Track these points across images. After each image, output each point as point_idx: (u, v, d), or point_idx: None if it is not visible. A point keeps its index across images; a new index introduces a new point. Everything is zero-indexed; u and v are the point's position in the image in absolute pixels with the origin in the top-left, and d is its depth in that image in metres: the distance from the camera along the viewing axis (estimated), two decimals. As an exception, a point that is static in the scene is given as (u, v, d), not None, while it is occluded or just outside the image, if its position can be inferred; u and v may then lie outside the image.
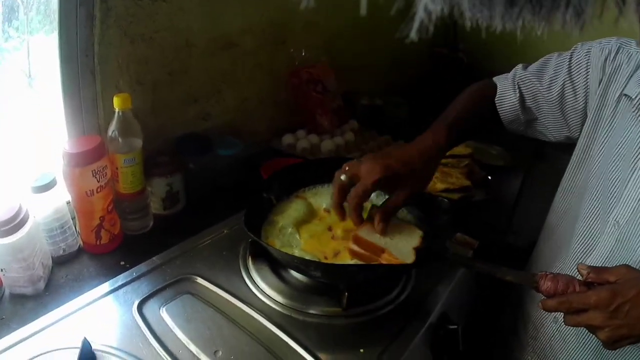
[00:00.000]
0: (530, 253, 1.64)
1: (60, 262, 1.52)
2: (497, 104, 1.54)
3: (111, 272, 1.47)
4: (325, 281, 1.37)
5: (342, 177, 1.31)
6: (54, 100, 1.57)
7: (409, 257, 1.26)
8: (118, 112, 1.48)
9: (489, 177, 1.99)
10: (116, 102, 1.47)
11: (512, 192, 2.07)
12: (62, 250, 1.52)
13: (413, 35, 0.46)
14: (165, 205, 1.74)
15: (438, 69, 2.75)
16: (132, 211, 1.63)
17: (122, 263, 1.53)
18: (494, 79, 1.58)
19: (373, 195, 1.41)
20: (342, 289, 1.33)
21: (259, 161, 1.95)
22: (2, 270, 1.35)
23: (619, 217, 1.26)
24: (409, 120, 2.43)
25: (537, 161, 1.88)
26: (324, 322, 1.32)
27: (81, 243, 1.58)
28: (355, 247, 1.30)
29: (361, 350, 1.26)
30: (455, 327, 1.40)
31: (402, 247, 1.29)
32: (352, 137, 2.21)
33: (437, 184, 1.85)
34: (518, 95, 1.50)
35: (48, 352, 1.16)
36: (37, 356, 1.14)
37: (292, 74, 2.17)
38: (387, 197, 1.37)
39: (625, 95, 1.28)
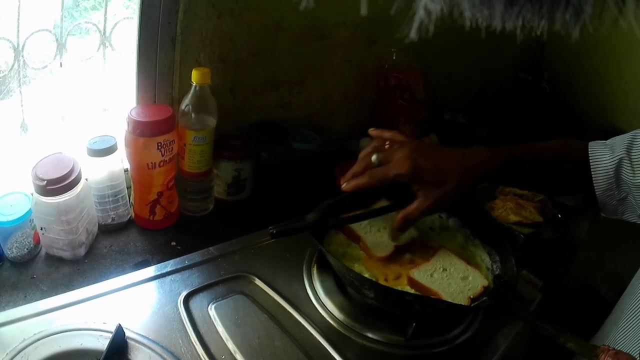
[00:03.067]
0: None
1: (107, 230, 1.37)
2: (591, 162, 1.19)
3: (159, 250, 1.32)
4: (378, 305, 1.16)
5: (374, 158, 1.17)
6: (128, 63, 1.40)
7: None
8: (195, 86, 1.31)
9: (559, 216, 1.77)
10: (195, 75, 1.29)
11: (580, 234, 1.88)
12: (111, 219, 1.36)
13: (413, 35, 0.44)
14: (230, 192, 1.54)
15: (520, 94, 2.54)
16: (194, 192, 1.45)
17: (173, 243, 1.36)
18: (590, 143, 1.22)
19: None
20: (410, 318, 1.13)
21: (334, 160, 1.72)
22: (42, 229, 1.20)
23: None
24: (487, 141, 2.21)
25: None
26: (383, 350, 1.12)
27: (133, 215, 1.41)
28: (415, 278, 1.16)
29: None
30: None
31: (456, 296, 1.14)
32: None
33: (510, 216, 1.65)
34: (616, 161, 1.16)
35: (77, 329, 1.00)
36: (65, 332, 0.99)
37: (380, 75, 1.94)
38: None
39: None
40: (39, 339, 0.96)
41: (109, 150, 1.27)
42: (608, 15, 0.45)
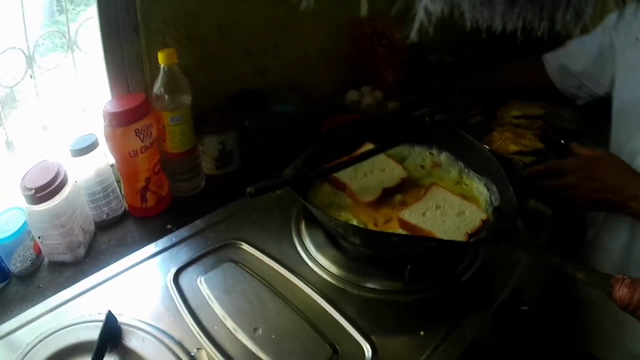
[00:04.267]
0: None
1: (104, 226, 1.33)
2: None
3: (156, 236, 1.26)
4: (369, 252, 1.11)
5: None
6: (96, 60, 1.36)
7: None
8: (163, 67, 1.27)
9: (562, 141, 1.68)
10: (161, 57, 1.26)
11: None
12: (106, 214, 1.32)
13: (413, 35, 0.45)
14: (219, 165, 1.49)
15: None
16: (182, 172, 1.41)
17: (169, 226, 1.31)
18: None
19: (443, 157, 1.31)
20: (404, 262, 1.07)
21: (320, 119, 1.67)
22: (39, 238, 1.17)
23: None
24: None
25: (609, 125, 1.58)
26: (382, 298, 1.07)
27: (126, 207, 1.38)
28: (405, 218, 1.09)
29: (421, 333, 1.00)
30: (527, 308, 1.13)
31: (452, 233, 1.07)
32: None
33: (509, 146, 1.56)
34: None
35: (74, 324, 0.98)
36: (62, 329, 0.97)
37: (354, 26, 1.87)
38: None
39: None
40: (40, 341, 0.94)
41: (90, 148, 1.23)
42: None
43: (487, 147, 1.41)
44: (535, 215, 1.33)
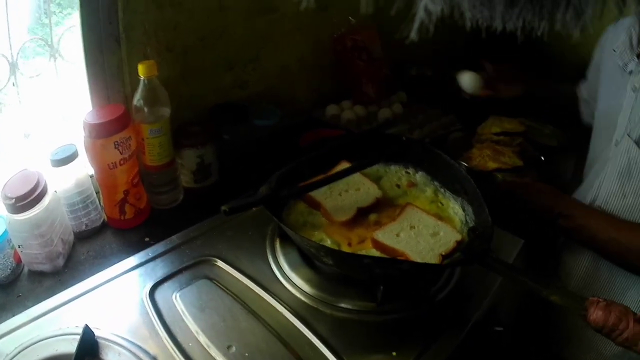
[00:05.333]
0: None
1: (83, 237, 1.35)
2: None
3: (134, 248, 1.28)
4: (342, 273, 1.13)
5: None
6: (78, 69, 1.38)
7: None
8: (143, 80, 1.29)
9: (542, 158, 1.71)
10: (141, 69, 1.28)
11: (566, 174, 1.83)
12: (85, 225, 1.34)
13: (413, 35, 0.45)
14: (197, 179, 1.51)
15: (490, 42, 2.45)
16: (160, 184, 1.43)
17: (147, 239, 1.33)
18: None
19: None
20: (377, 282, 1.09)
21: (300, 132, 1.69)
22: (19, 247, 1.19)
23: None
24: (458, 92, 2.15)
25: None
26: (355, 318, 1.08)
27: (105, 218, 1.39)
28: (379, 239, 1.11)
29: (394, 354, 1.01)
30: (501, 329, 1.14)
31: (426, 254, 1.08)
32: (400, 109, 1.92)
33: (488, 163, 1.60)
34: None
35: (52, 337, 1.00)
36: (41, 341, 0.98)
37: (335, 40, 1.90)
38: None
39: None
40: (18, 352, 0.96)
41: (70, 158, 1.25)
42: (608, 15, 0.45)
43: (465, 164, 1.44)
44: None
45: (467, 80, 1.65)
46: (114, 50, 1.36)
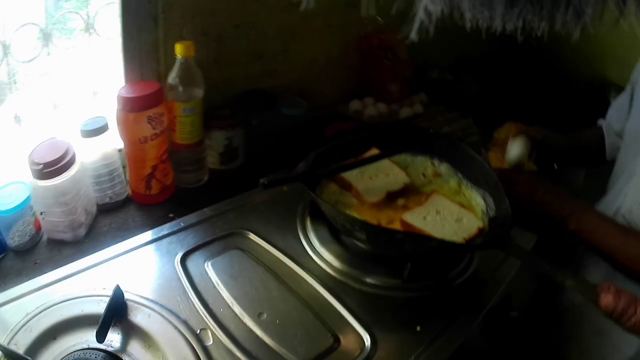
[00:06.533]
0: None
1: (106, 210, 1.35)
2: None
3: (157, 223, 1.27)
4: (372, 249, 1.15)
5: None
6: (114, 46, 1.39)
7: None
8: (180, 59, 1.29)
9: (555, 166, 1.72)
10: (178, 49, 1.28)
11: (576, 183, 1.88)
12: (109, 197, 1.34)
13: (413, 35, 0.45)
14: (223, 160, 1.52)
15: (507, 52, 2.49)
16: (188, 163, 1.43)
17: (171, 215, 1.33)
18: None
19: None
20: (405, 260, 1.11)
21: (324, 124, 1.71)
22: (41, 214, 1.18)
23: None
24: (477, 98, 2.19)
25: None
26: (381, 294, 1.10)
27: (130, 192, 1.39)
28: (407, 220, 1.13)
29: (417, 328, 1.03)
30: (516, 314, 1.19)
31: (450, 237, 1.12)
32: (420, 109, 1.94)
33: (504, 165, 1.58)
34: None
35: (78, 297, 0.99)
36: (66, 301, 0.98)
37: (362, 39, 1.92)
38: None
39: None
40: (41, 311, 0.95)
41: (101, 130, 1.25)
42: (609, 15, 0.45)
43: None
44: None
45: (518, 148, 1.49)
46: (150, 30, 1.36)
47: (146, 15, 1.33)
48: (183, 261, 1.10)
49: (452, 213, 1.18)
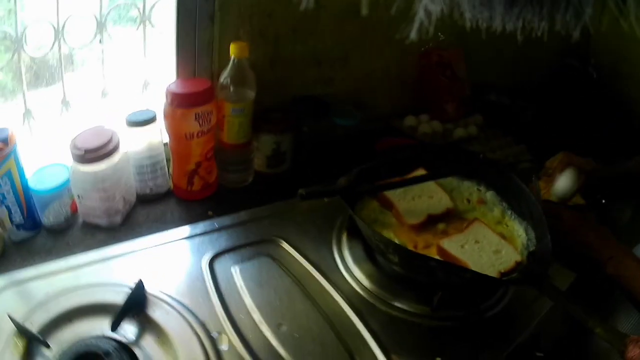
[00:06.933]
0: None
1: (146, 200, 1.36)
2: None
3: (195, 220, 1.28)
4: (404, 272, 1.12)
5: None
6: (168, 40, 1.39)
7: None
8: (233, 59, 1.29)
9: (603, 201, 1.65)
10: (233, 49, 1.28)
11: (622, 221, 1.73)
12: (149, 189, 1.35)
13: (413, 35, 0.46)
14: (270, 164, 1.51)
15: (566, 80, 2.43)
16: (233, 163, 1.43)
17: (210, 213, 1.33)
18: None
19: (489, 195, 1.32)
20: (436, 288, 1.08)
21: (376, 138, 1.68)
22: (79, 197, 1.20)
23: None
24: (533, 125, 2.14)
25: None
26: (407, 319, 1.07)
27: (171, 186, 1.40)
28: (444, 247, 1.11)
29: (438, 359, 0.99)
30: (542, 355, 1.16)
31: (486, 269, 1.09)
32: (475, 131, 1.88)
33: (551, 198, 1.53)
34: None
35: (101, 284, 1.02)
36: (88, 287, 1.01)
37: (421, 54, 1.88)
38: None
39: None
40: (62, 293, 0.97)
41: (148, 122, 1.26)
42: (608, 15, 0.44)
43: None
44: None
45: (566, 181, 1.48)
46: (206, 28, 1.36)
47: (202, 13, 1.34)
48: (211, 263, 1.09)
49: (491, 243, 1.14)
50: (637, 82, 2.20)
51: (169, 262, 1.10)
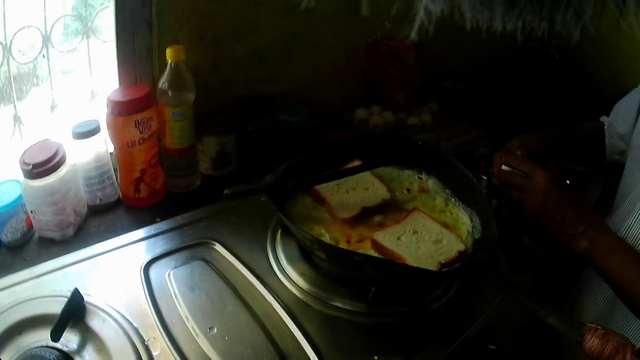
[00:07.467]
0: None
1: (96, 211, 1.38)
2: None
3: (144, 226, 1.28)
4: (335, 269, 1.12)
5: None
6: (110, 49, 1.41)
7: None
8: (170, 63, 1.31)
9: (568, 182, 1.66)
10: (169, 53, 1.30)
11: (590, 201, 1.80)
12: (99, 199, 1.37)
13: (413, 35, 0.44)
14: (216, 166, 1.53)
15: (527, 62, 2.42)
16: (178, 168, 1.45)
17: (158, 219, 1.33)
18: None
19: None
20: (370, 284, 1.07)
21: (327, 132, 1.68)
22: (32, 212, 1.23)
23: None
24: (490, 109, 2.13)
25: (619, 171, 1.56)
26: (343, 317, 1.07)
27: (121, 195, 1.42)
28: (378, 240, 1.09)
29: (375, 358, 0.99)
30: (495, 347, 1.09)
31: (424, 260, 1.06)
32: (429, 119, 1.90)
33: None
34: None
35: (44, 297, 1.03)
36: (33, 299, 1.02)
37: (369, 45, 1.90)
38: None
39: None
40: (11, 307, 0.99)
41: (92, 132, 1.28)
42: (608, 16, 0.44)
43: (485, 178, 1.41)
44: (529, 254, 1.32)
45: None
46: (145, 34, 1.38)
47: (140, 19, 1.35)
48: (146, 269, 1.11)
49: (431, 233, 1.13)
50: (600, 60, 2.21)
51: (109, 270, 1.12)
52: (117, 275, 1.10)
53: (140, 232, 1.22)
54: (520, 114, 1.94)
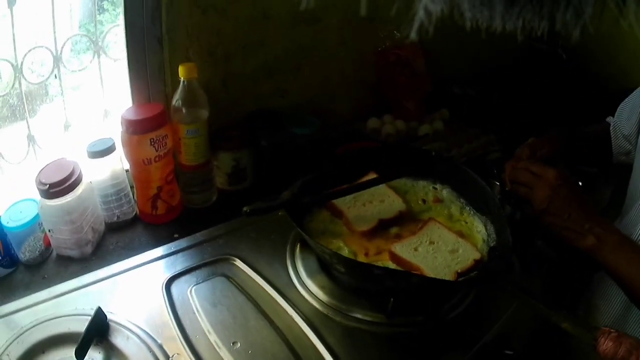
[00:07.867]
0: None
1: (114, 228, 1.40)
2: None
3: (163, 243, 1.31)
4: (354, 281, 1.14)
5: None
6: (122, 67, 1.44)
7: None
8: (183, 81, 1.33)
9: (580, 183, 1.66)
10: (181, 71, 1.31)
11: (601, 203, 1.77)
12: (117, 217, 1.39)
13: (413, 35, 0.44)
14: (231, 181, 1.55)
15: (535, 63, 2.42)
16: (194, 184, 1.47)
17: (176, 235, 1.35)
18: None
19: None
20: (388, 295, 1.08)
21: (340, 143, 1.69)
22: (50, 231, 1.25)
23: None
24: (500, 113, 2.13)
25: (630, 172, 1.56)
26: (364, 328, 1.08)
27: (138, 212, 1.44)
28: (396, 251, 1.11)
29: None
30: (511, 353, 1.10)
31: (441, 270, 1.08)
32: (441, 126, 1.90)
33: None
34: None
35: (67, 315, 1.06)
36: (55, 318, 1.04)
37: (378, 54, 1.90)
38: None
39: None
40: (34, 326, 1.01)
41: (107, 151, 1.30)
42: (608, 15, 0.45)
43: (497, 183, 1.42)
44: (541, 258, 1.33)
45: None
46: (155, 51, 1.40)
47: (150, 37, 1.38)
48: (168, 286, 1.13)
49: (447, 243, 1.14)
50: (606, 59, 2.22)
51: (131, 288, 1.14)
52: (139, 292, 1.12)
53: (160, 250, 1.24)
54: (529, 116, 1.95)
